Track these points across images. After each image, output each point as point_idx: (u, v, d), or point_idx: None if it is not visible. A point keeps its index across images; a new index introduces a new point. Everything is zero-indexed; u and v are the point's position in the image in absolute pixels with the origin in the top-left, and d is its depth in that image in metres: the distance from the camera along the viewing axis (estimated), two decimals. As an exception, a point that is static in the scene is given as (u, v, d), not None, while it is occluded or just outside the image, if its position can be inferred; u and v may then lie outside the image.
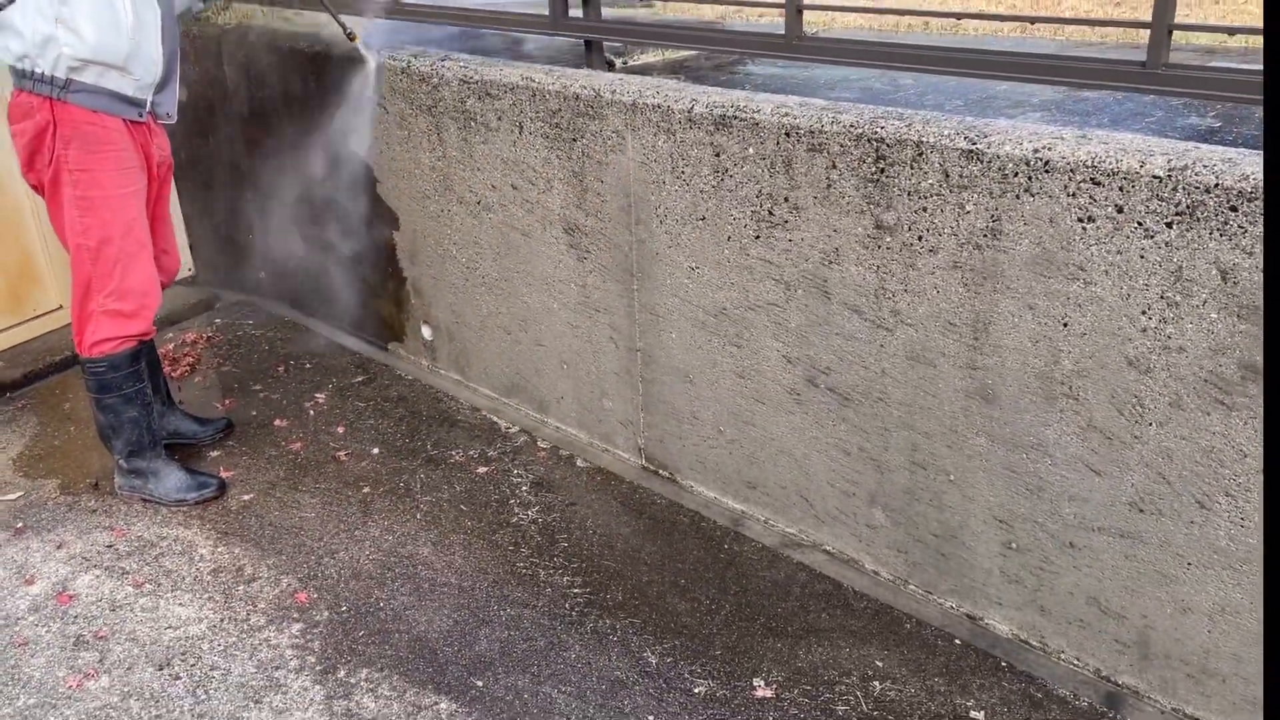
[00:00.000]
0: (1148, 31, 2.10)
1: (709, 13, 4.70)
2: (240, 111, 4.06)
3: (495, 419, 3.44)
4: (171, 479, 3.05)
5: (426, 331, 3.74)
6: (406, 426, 3.42)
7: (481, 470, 3.14)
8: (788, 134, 2.39)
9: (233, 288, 4.55)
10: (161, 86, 2.80)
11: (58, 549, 2.85)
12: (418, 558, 2.76)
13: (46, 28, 2.56)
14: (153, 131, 2.86)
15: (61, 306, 4.10)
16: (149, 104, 2.79)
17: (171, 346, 4.02)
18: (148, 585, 2.69)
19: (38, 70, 2.60)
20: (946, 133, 2.15)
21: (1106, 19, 4.12)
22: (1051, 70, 2.31)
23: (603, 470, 3.12)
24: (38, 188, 2.78)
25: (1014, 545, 2.32)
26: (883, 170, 2.24)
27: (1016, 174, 2.04)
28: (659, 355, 2.92)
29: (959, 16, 2.82)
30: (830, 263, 2.41)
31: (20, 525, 2.95)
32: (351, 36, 3.33)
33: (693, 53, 3.57)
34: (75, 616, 2.59)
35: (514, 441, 3.30)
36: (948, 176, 2.14)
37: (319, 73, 3.62)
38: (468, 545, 2.80)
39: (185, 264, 4.56)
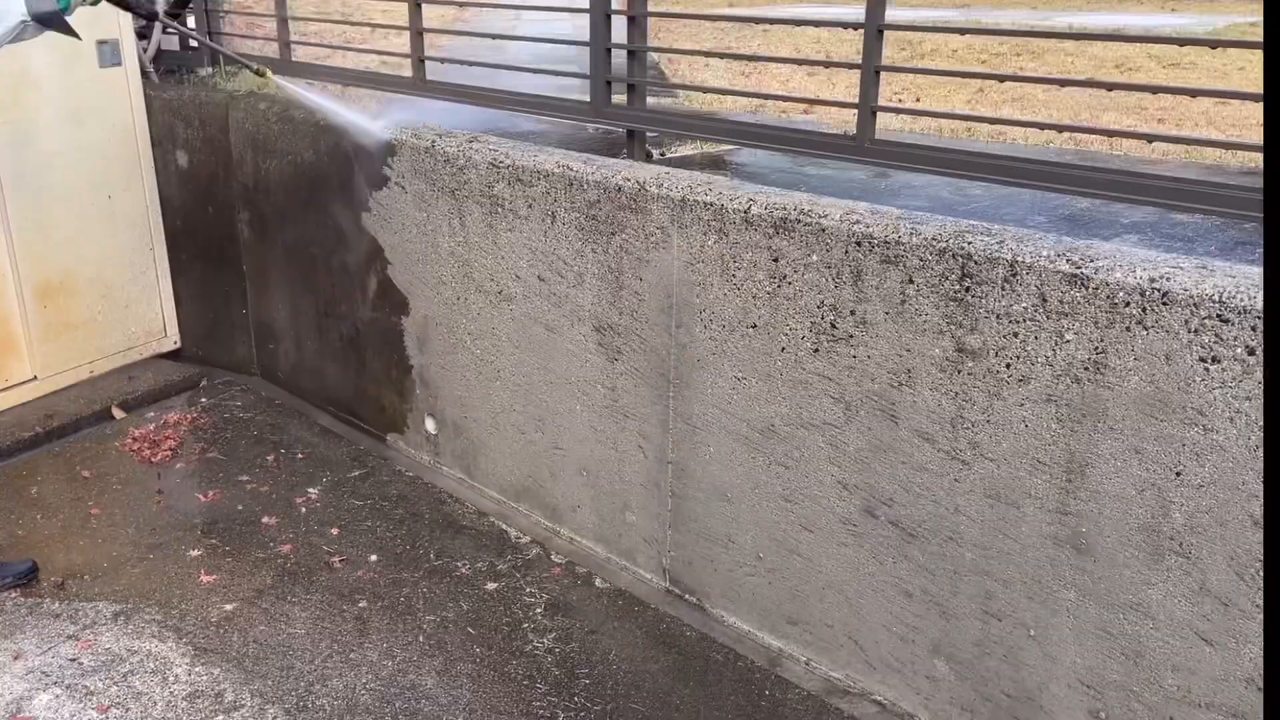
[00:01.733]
0: None
1: (730, 104, 4.58)
2: (244, 182, 3.85)
3: (504, 526, 3.17)
4: None
5: (430, 424, 3.49)
6: (407, 530, 3.13)
7: (490, 586, 2.86)
8: (858, 243, 2.19)
9: (221, 365, 4.28)
10: None
11: (14, 660, 2.53)
12: (421, 689, 2.46)
13: None
14: None
15: (36, 378, 3.82)
16: None
17: (153, 428, 3.73)
18: (114, 710, 2.37)
19: None
20: (1045, 253, 1.95)
21: (1223, 139, 4.00)
22: (1144, 190, 2.14)
23: (624, 592, 2.85)
24: None
25: (1102, 715, 2.07)
26: (968, 289, 2.04)
27: (1128, 304, 1.84)
28: (693, 470, 2.68)
29: (1063, 129, 2.65)
30: (900, 384, 2.19)
31: (-28, 631, 2.63)
32: (261, 73, 3.15)
33: (733, 146, 3.40)
34: (28, 747, 2.27)
35: (525, 554, 3.03)
36: (1045, 301, 1.94)
37: (329, 145, 3.42)
38: (477, 677, 2.51)
39: (170, 336, 4.30)
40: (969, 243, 2.04)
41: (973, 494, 2.14)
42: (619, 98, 2.97)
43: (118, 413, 3.85)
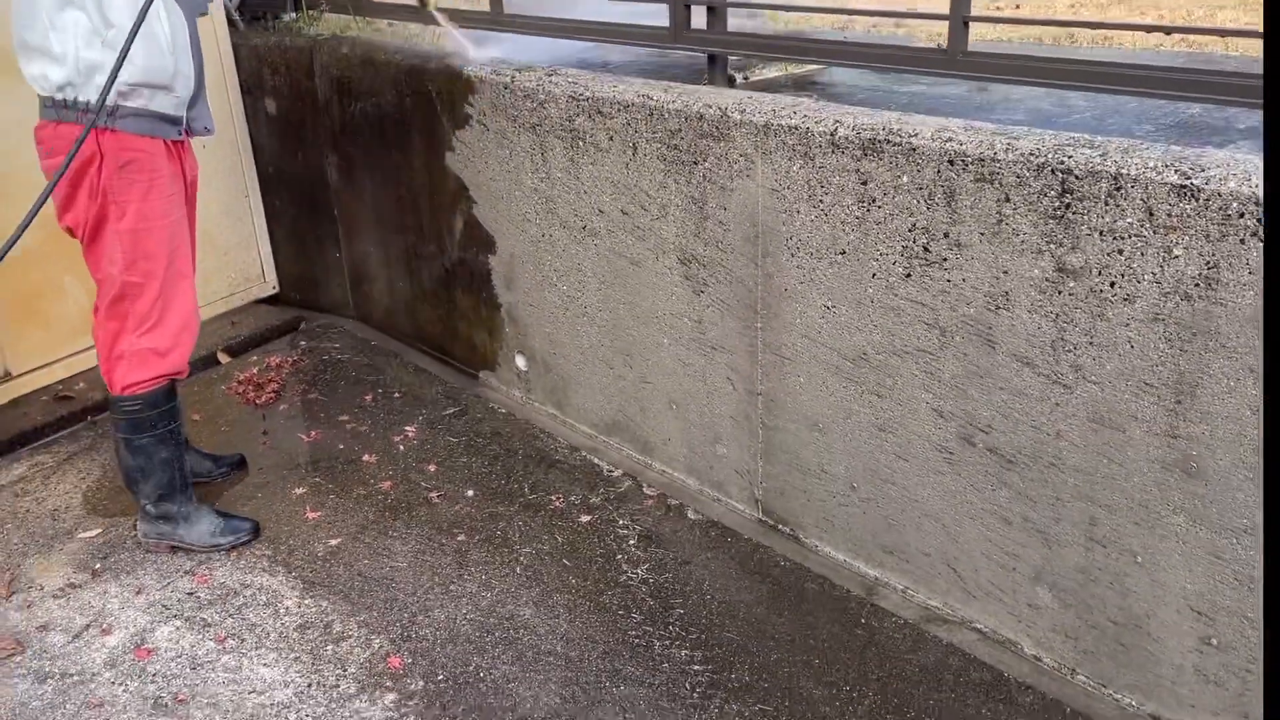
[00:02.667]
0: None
1: (817, 21, 4.42)
2: (331, 126, 3.89)
3: (596, 460, 3.19)
4: (204, 523, 2.83)
5: (521, 362, 3.52)
6: (502, 466, 3.19)
7: (584, 519, 2.90)
8: (951, 161, 2.10)
9: (318, 308, 4.38)
10: (195, 99, 2.60)
11: (137, 594, 2.67)
12: (519, 620, 2.52)
13: (92, 54, 2.35)
14: (185, 149, 2.65)
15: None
16: (185, 120, 2.58)
17: (255, 371, 3.85)
18: (230, 641, 2.49)
19: (81, 99, 2.39)
20: (1151, 164, 1.84)
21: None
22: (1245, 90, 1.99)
23: (716, 523, 2.85)
24: (74, 228, 2.54)
25: (1214, 642, 2.00)
26: (1068, 206, 1.94)
27: (1243, 215, 1.73)
28: (784, 401, 2.65)
29: (1173, 30, 2.47)
30: (998, 308, 2.12)
31: (98, 566, 2.78)
32: (424, 3, 3.13)
33: (819, 66, 3.29)
34: (154, 675, 2.39)
35: (618, 487, 3.05)
36: (1152, 215, 1.84)
37: (414, 86, 3.42)
38: (573, 607, 2.55)
39: (269, 281, 4.41)
40: (1069, 156, 1.93)
41: (1075, 418, 2.07)
42: (699, 21, 2.89)
43: (223, 357, 3.99)
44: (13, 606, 2.64)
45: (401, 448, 3.32)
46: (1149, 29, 2.82)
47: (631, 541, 2.79)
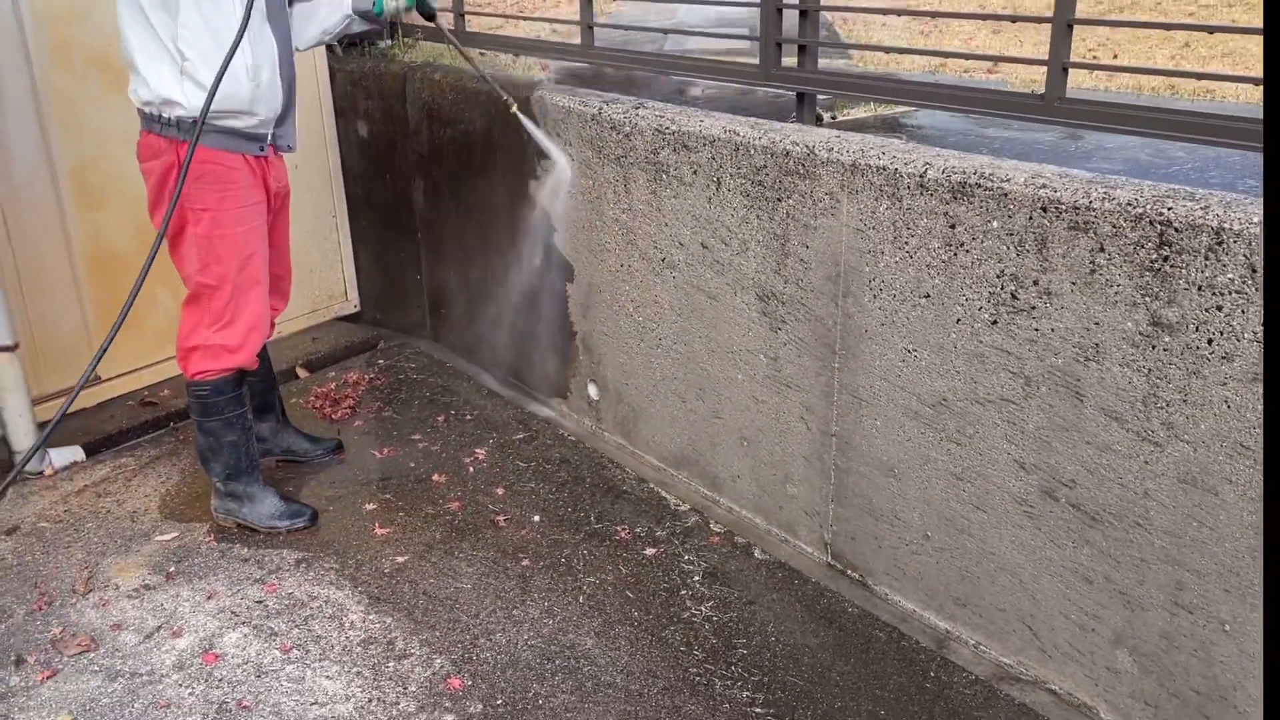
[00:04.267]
0: None
1: (906, 64, 4.39)
2: (419, 151, 3.96)
3: (663, 493, 3.18)
4: (266, 505, 3.01)
5: (593, 390, 3.52)
6: (569, 493, 3.19)
7: (649, 552, 2.88)
8: (1044, 208, 2.06)
9: (396, 328, 4.45)
10: (282, 119, 2.78)
11: (207, 599, 2.71)
12: (580, 649, 2.50)
13: (170, 83, 2.57)
14: (270, 163, 2.82)
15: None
16: (270, 137, 2.77)
17: (333, 386, 3.92)
18: (295, 651, 2.51)
19: (162, 116, 2.62)
20: (1255, 218, 1.79)
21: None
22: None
23: (783, 565, 2.81)
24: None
25: (1307, 720, 1.90)
26: (1166, 258, 1.89)
27: (1355, 275, 1.66)
28: (858, 443, 2.61)
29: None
30: (1087, 359, 2.06)
31: (172, 569, 2.84)
32: (509, 105, 3.17)
33: (907, 109, 3.27)
34: (220, 680, 2.43)
35: (684, 521, 3.03)
36: (1254, 271, 1.78)
37: (503, 115, 3.48)
38: (635, 639, 2.53)
39: (351, 300, 4.50)
40: (1169, 208, 1.88)
41: (1164, 478, 2.00)
42: (789, 60, 2.89)
43: (301, 372, 4.07)
44: (89, 604, 2.70)
45: (471, 469, 3.34)
46: (1254, 81, 2.74)
47: (696, 577, 2.76)
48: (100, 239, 3.58)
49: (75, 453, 3.41)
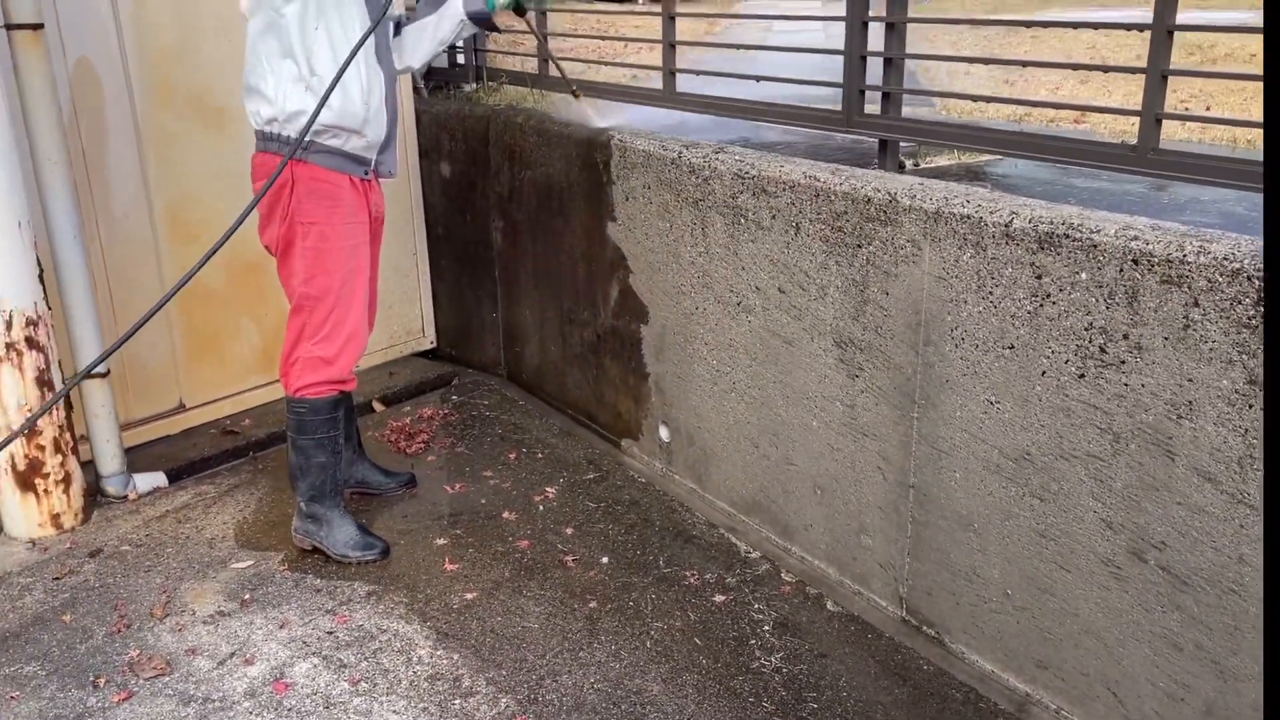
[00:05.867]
0: None
1: (991, 113, 4.34)
2: (499, 191, 4.03)
3: (733, 539, 3.14)
4: (343, 532, 3.06)
5: (664, 432, 3.51)
6: (638, 536, 3.17)
7: (718, 599, 2.84)
8: (1135, 261, 2.01)
9: (471, 365, 4.50)
10: (385, 146, 2.90)
11: (280, 628, 2.75)
12: (646, 695, 2.47)
13: (298, 99, 2.68)
14: (372, 187, 2.94)
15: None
16: (374, 163, 2.88)
17: (408, 420, 3.97)
18: (363, 684, 2.52)
19: (283, 134, 2.73)
20: (1365, 276, 1.71)
21: None
22: None
23: (856, 618, 2.75)
24: (271, 245, 2.88)
25: None
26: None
27: None
28: (937, 495, 2.55)
29: None
30: (1179, 417, 1.99)
31: (247, 597, 2.88)
32: (576, 94, 3.33)
33: (991, 157, 3.23)
34: (289, 709, 2.44)
35: (755, 569, 2.99)
36: (1363, 330, 1.70)
37: (582, 157, 3.52)
38: (702, 688, 2.49)
39: (428, 336, 4.57)
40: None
41: (1261, 543, 1.91)
42: (872, 107, 2.88)
43: (378, 406, 4.13)
44: (166, 628, 2.75)
45: (541, 508, 3.34)
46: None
47: (766, 627, 2.72)
48: (192, 271, 3.69)
49: (159, 478, 3.50)
